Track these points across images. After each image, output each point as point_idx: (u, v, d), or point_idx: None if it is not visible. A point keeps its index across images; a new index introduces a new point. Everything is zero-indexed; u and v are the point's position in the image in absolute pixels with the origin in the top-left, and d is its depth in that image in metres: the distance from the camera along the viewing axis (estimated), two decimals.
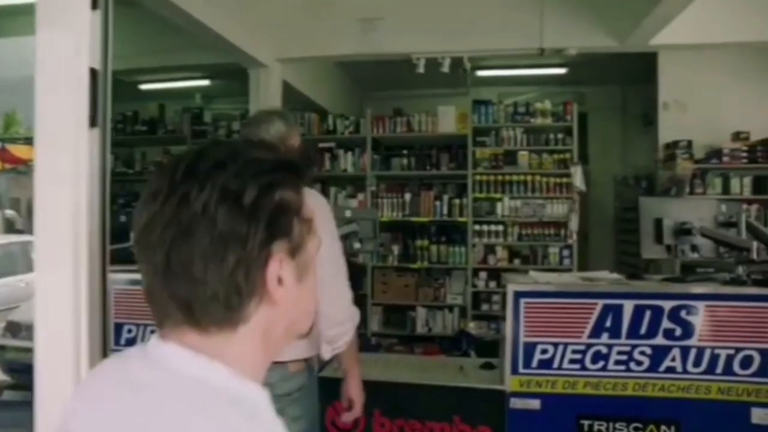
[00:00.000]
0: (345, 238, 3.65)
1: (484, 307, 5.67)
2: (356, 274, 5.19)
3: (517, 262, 5.68)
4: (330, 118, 5.93)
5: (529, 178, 5.68)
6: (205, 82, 7.91)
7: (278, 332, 0.63)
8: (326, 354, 1.83)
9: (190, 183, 0.57)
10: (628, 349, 2.70)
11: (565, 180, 5.57)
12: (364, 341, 5.68)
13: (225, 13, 4.20)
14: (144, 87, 8.06)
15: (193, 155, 0.60)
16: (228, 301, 0.57)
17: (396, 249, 5.79)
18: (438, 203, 5.77)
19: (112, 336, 1.80)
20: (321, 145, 5.91)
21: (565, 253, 5.56)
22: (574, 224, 5.38)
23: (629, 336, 2.70)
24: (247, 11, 4.56)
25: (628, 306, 2.70)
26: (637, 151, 6.97)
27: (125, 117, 6.29)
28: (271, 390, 0.84)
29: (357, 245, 3.66)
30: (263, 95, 5.06)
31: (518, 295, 2.81)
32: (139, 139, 6.35)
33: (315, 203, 1.61)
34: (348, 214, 3.66)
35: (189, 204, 0.56)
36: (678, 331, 2.66)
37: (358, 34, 4.85)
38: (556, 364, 2.75)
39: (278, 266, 0.59)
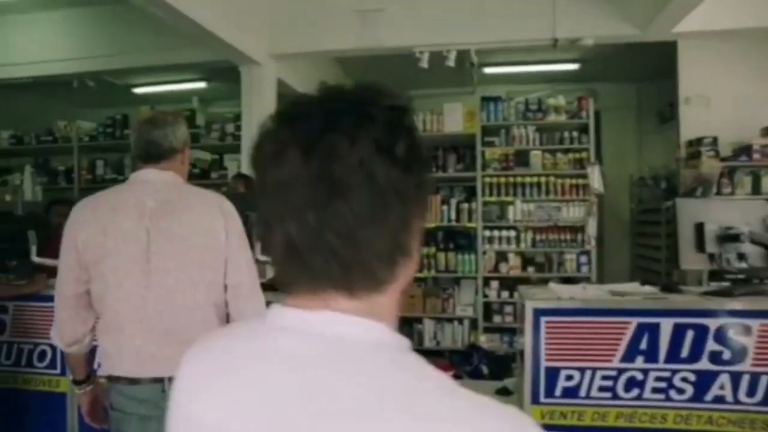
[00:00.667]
0: None
1: (496, 318, 5.30)
2: None
3: (531, 270, 5.31)
4: None
5: (542, 179, 5.31)
6: (202, 85, 7.64)
7: (405, 288, 0.62)
8: None
9: (334, 135, 0.53)
10: (667, 374, 2.34)
11: (581, 181, 5.21)
12: None
13: (212, 6, 3.88)
14: (138, 91, 7.81)
15: (320, 104, 0.56)
16: (392, 260, 0.56)
17: None
18: (445, 208, 5.41)
19: None
20: None
21: (583, 259, 5.18)
22: (592, 229, 5.00)
23: (668, 360, 2.34)
24: (236, 4, 4.25)
25: (667, 325, 2.34)
26: (654, 150, 6.62)
27: (114, 121, 5.98)
28: None
29: None
30: (257, 95, 4.74)
31: (538, 313, 2.46)
32: (129, 144, 6.01)
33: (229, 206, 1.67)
34: None
35: (340, 158, 0.53)
36: (726, 354, 2.30)
37: (356, 27, 4.52)
38: (583, 393, 2.40)
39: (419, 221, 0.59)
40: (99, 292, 1.62)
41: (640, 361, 2.36)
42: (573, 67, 6.40)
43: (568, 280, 5.28)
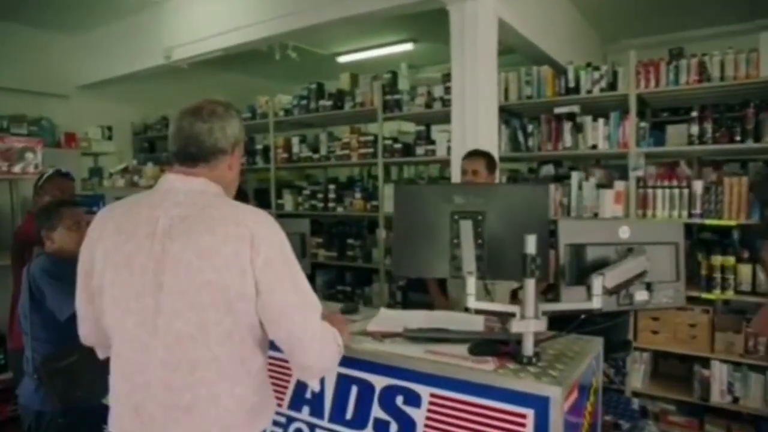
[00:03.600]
0: (622, 289, 1.85)
1: None
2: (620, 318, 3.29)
3: None
4: (571, 71, 4.03)
5: None
6: (408, 47, 6.65)
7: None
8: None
9: None
10: None
11: None
12: (622, 405, 3.77)
13: None
14: (342, 60, 7.13)
15: None
16: None
17: None
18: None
19: None
20: (558, 110, 4.05)
21: None
22: None
23: None
24: None
25: None
26: None
27: (309, 91, 5.21)
28: None
29: (641, 297, 1.83)
30: (470, 41, 3.44)
31: None
32: (323, 117, 5.21)
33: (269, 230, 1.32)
34: (624, 234, 1.84)
35: None
36: None
37: None
38: None
39: None
40: (106, 330, 1.36)
41: None
42: None
43: None
